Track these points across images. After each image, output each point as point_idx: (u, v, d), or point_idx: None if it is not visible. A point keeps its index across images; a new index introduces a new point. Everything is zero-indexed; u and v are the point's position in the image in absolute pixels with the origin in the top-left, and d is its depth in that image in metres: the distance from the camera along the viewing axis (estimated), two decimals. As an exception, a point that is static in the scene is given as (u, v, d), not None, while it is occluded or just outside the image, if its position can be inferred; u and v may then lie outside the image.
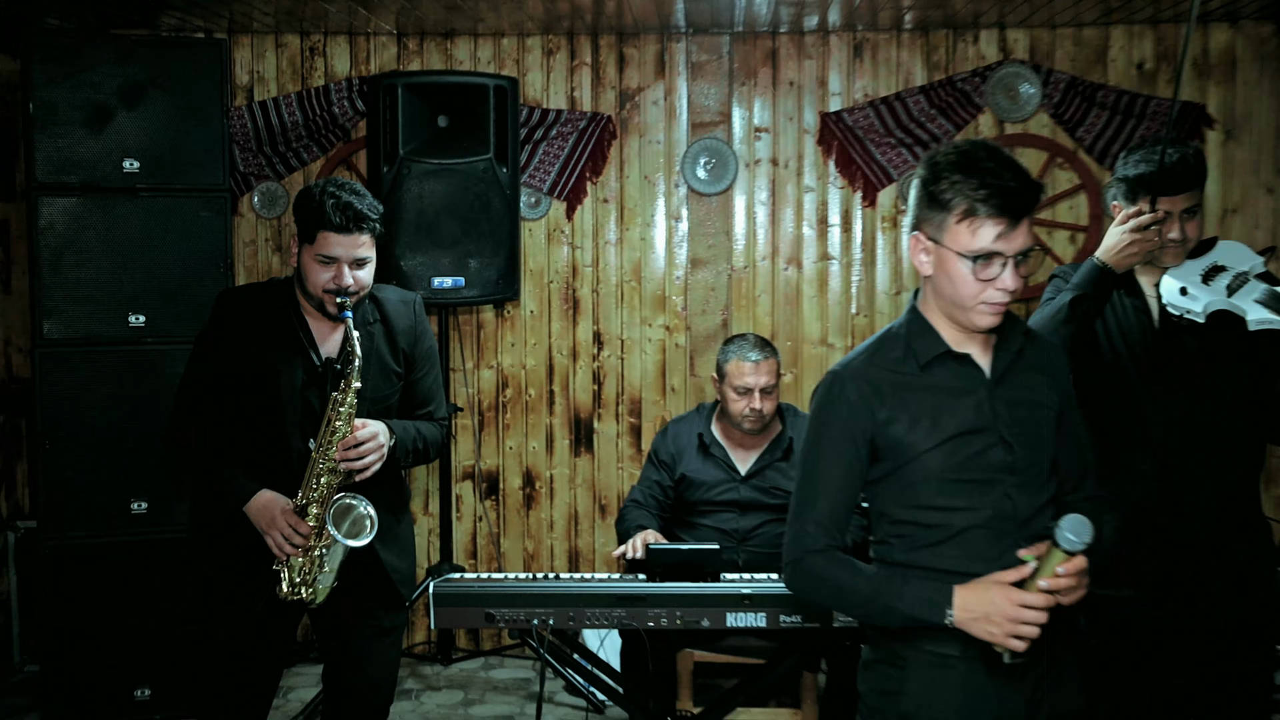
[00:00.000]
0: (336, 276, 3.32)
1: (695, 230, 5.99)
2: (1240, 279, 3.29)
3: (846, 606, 2.54)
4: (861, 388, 2.52)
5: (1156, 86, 5.77)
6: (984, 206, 2.39)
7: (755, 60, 5.94)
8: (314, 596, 3.37)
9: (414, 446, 3.54)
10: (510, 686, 5.57)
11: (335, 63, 5.94)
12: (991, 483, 2.46)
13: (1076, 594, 2.36)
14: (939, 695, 2.48)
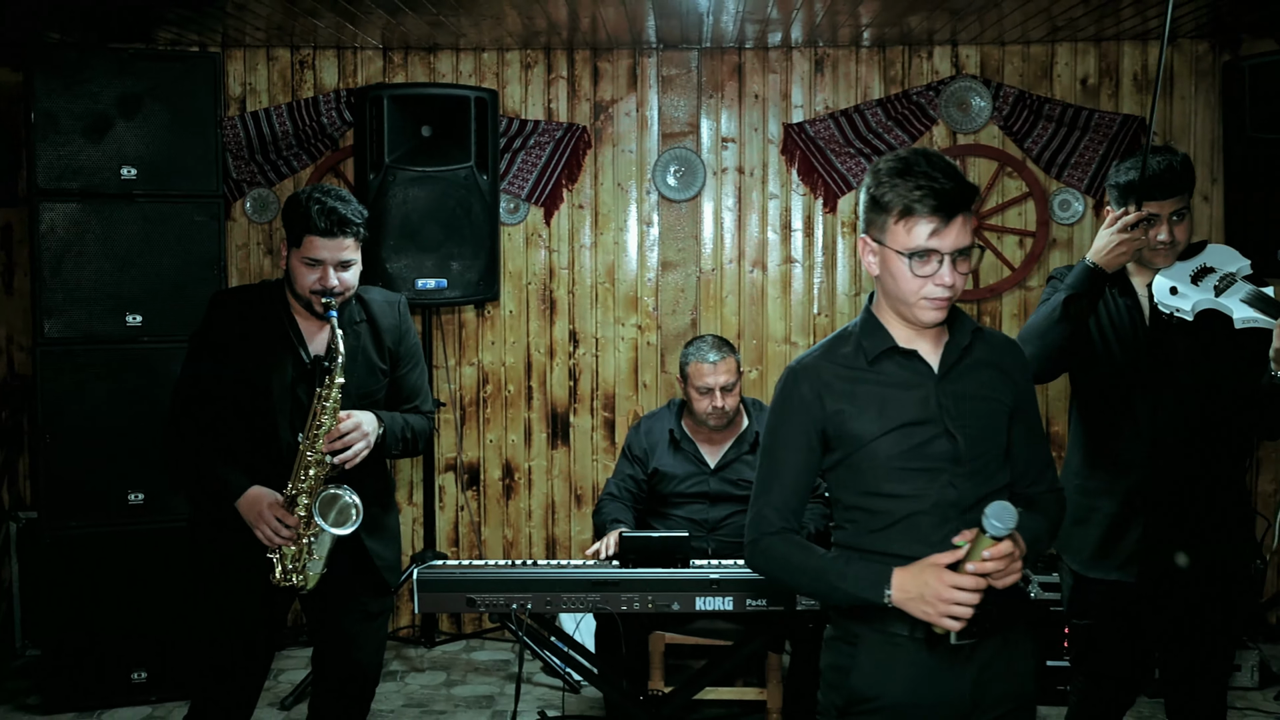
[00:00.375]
0: (322, 278, 3.39)
1: (666, 235, 6.10)
2: (1228, 280, 3.32)
3: (798, 584, 2.59)
4: (814, 382, 2.56)
5: (1099, 100, 5.91)
6: (919, 206, 2.42)
7: (722, 74, 6.06)
8: (304, 583, 3.44)
9: (403, 435, 3.60)
10: (490, 668, 5.66)
11: (324, 75, 6.03)
12: (936, 471, 2.48)
13: (1008, 577, 2.38)
14: (887, 672, 2.52)
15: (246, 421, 3.49)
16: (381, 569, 3.63)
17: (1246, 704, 5.12)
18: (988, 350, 2.61)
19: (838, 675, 2.59)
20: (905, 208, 2.45)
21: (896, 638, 2.51)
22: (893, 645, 2.52)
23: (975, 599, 2.36)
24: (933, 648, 2.48)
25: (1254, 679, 5.27)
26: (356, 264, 3.49)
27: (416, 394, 3.74)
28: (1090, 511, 3.49)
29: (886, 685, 2.52)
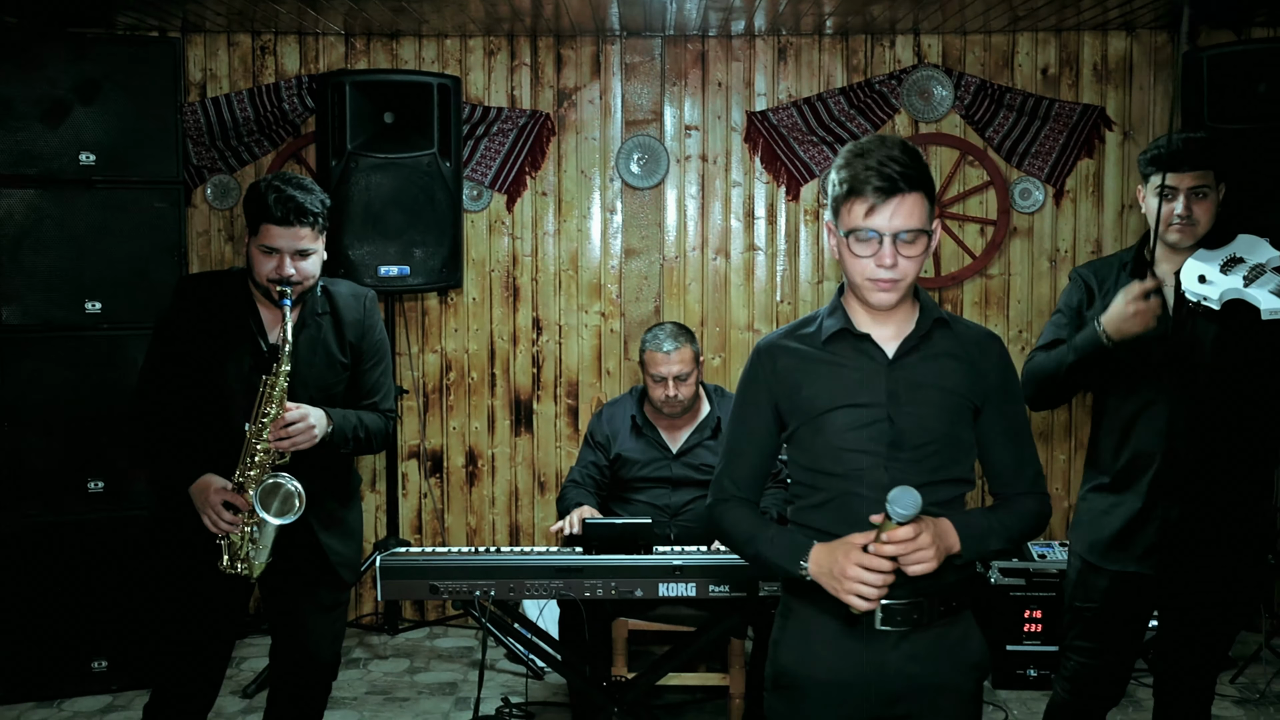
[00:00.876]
0: (278, 266, 3.32)
1: (629, 222, 6.02)
2: (1257, 270, 3.27)
3: (739, 550, 2.58)
4: (773, 359, 2.58)
5: (1059, 90, 5.87)
6: (861, 186, 2.40)
7: (685, 62, 5.98)
8: (249, 570, 3.36)
9: (354, 435, 3.51)
10: (454, 655, 5.60)
11: (285, 61, 5.91)
12: (875, 455, 2.47)
13: (919, 565, 2.34)
14: (810, 650, 2.52)
15: (202, 408, 3.42)
16: (336, 565, 3.55)
17: (1203, 688, 5.09)
18: (954, 342, 2.56)
19: (773, 648, 2.62)
20: (850, 188, 2.44)
21: (823, 616, 2.50)
22: (819, 623, 2.51)
23: (880, 579, 2.34)
24: (850, 626, 2.46)
25: (1210, 663, 5.23)
26: (316, 254, 3.42)
27: (376, 391, 3.64)
28: (1114, 505, 3.44)
29: (809, 663, 2.53)
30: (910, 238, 2.42)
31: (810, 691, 2.51)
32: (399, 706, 4.98)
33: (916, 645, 2.48)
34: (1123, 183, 5.86)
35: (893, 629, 2.46)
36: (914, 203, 2.42)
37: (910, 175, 2.42)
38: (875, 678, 2.48)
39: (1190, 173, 3.31)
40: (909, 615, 2.46)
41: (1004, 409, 2.58)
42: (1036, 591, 5.03)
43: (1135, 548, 3.40)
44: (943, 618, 2.50)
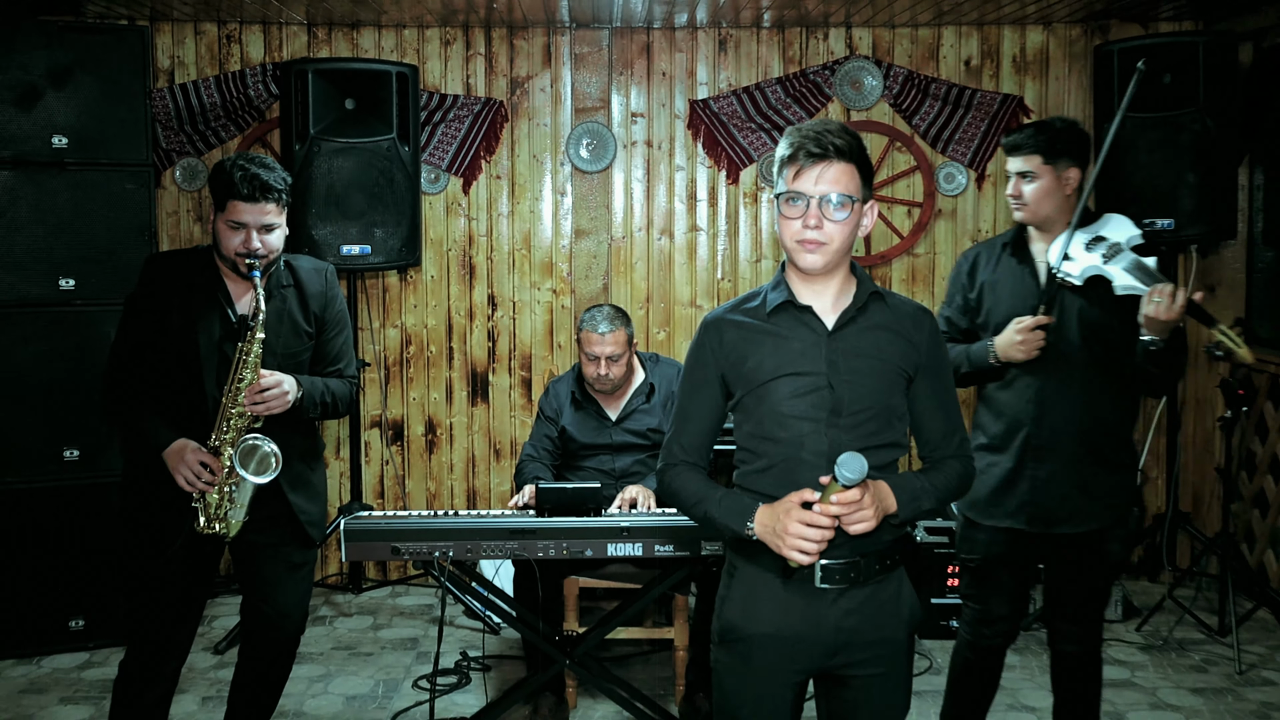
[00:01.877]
0: (245, 240, 3.34)
1: (579, 204, 6.04)
2: (1115, 249, 3.37)
3: (688, 511, 2.59)
4: (720, 332, 2.59)
5: (981, 80, 5.95)
6: (795, 152, 2.46)
7: (632, 52, 6.00)
8: (227, 530, 3.38)
9: (321, 400, 3.54)
10: (415, 612, 5.63)
11: (250, 49, 5.88)
12: (816, 421, 2.48)
13: (860, 524, 2.37)
14: (754, 606, 2.54)
15: (175, 377, 3.43)
16: (305, 523, 3.57)
17: (1111, 635, 5.21)
18: (889, 315, 2.59)
19: (719, 604, 2.63)
20: (787, 155, 2.49)
21: (767, 573, 2.53)
22: (763, 581, 2.54)
23: (820, 536, 2.36)
24: (787, 578, 2.49)
25: (1118, 612, 5.37)
26: (280, 229, 3.44)
27: (340, 358, 3.66)
28: (990, 465, 3.54)
29: (752, 618, 2.54)
30: (837, 203, 2.46)
31: (755, 645, 2.54)
32: (363, 660, 5.00)
33: (854, 601, 2.51)
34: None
35: (832, 586, 2.49)
36: (841, 171, 2.47)
37: (840, 147, 2.46)
38: (815, 632, 2.51)
39: (1016, 158, 3.50)
40: (847, 574, 2.49)
41: (934, 379, 2.61)
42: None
43: (1008, 504, 3.50)
44: (878, 575, 2.53)
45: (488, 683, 4.76)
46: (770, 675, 2.55)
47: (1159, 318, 3.22)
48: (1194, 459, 5.98)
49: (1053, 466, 3.44)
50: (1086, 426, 3.44)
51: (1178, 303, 3.21)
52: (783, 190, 2.49)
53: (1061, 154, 3.48)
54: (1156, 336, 3.26)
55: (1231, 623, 4.99)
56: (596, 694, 4.51)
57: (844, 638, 2.51)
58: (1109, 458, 3.48)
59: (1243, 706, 4.50)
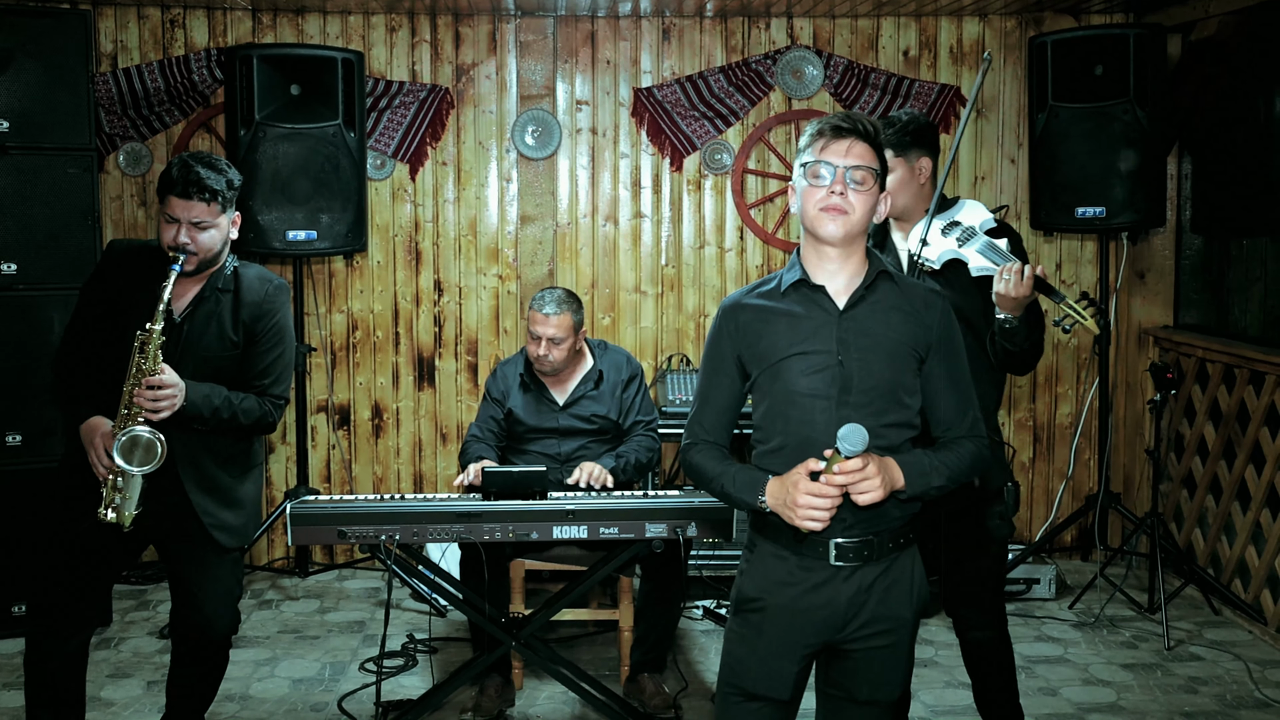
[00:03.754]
0: (176, 234, 3.32)
1: (524, 191, 6.00)
2: (968, 233, 3.43)
3: (708, 486, 2.66)
4: (736, 316, 2.65)
5: (919, 71, 5.96)
6: (824, 127, 2.56)
7: (576, 41, 5.96)
8: (121, 520, 3.29)
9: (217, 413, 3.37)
10: (362, 595, 5.58)
11: (194, 34, 5.77)
12: (827, 399, 2.53)
13: (866, 494, 2.41)
14: (770, 582, 2.59)
15: (112, 365, 3.37)
16: (210, 527, 3.44)
17: (1045, 613, 5.27)
18: (900, 296, 2.63)
19: (738, 576, 2.69)
20: (816, 131, 2.58)
21: (782, 551, 2.58)
22: (778, 558, 2.59)
23: (827, 504, 2.42)
24: (799, 543, 2.54)
25: (1051, 590, 5.42)
26: (215, 229, 3.38)
27: (266, 375, 3.52)
28: None
29: (768, 590, 2.60)
30: (860, 177, 2.53)
31: (768, 615, 2.59)
32: (310, 644, 4.95)
33: (867, 578, 2.55)
34: (975, 156, 5.98)
35: (846, 564, 2.54)
36: (866, 149, 2.56)
37: (868, 129, 2.57)
38: (828, 608, 2.55)
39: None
40: (860, 551, 2.53)
41: (946, 359, 2.64)
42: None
43: None
44: (891, 553, 2.57)
45: (434, 665, 4.72)
46: (779, 647, 2.60)
47: (1009, 294, 3.27)
48: (1124, 441, 6.05)
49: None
50: None
51: (1025, 279, 3.25)
52: (810, 160, 2.56)
53: (911, 145, 3.52)
54: (1010, 314, 3.31)
55: (1161, 600, 5.05)
56: (543, 675, 4.49)
57: (854, 613, 2.56)
58: None
59: (1171, 681, 4.56)
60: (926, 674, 4.58)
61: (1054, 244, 5.97)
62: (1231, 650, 4.83)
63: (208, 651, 3.61)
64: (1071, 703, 4.38)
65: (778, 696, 2.62)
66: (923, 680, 4.49)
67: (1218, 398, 5.39)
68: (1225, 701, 4.37)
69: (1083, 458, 6.10)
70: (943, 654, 4.79)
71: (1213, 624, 5.14)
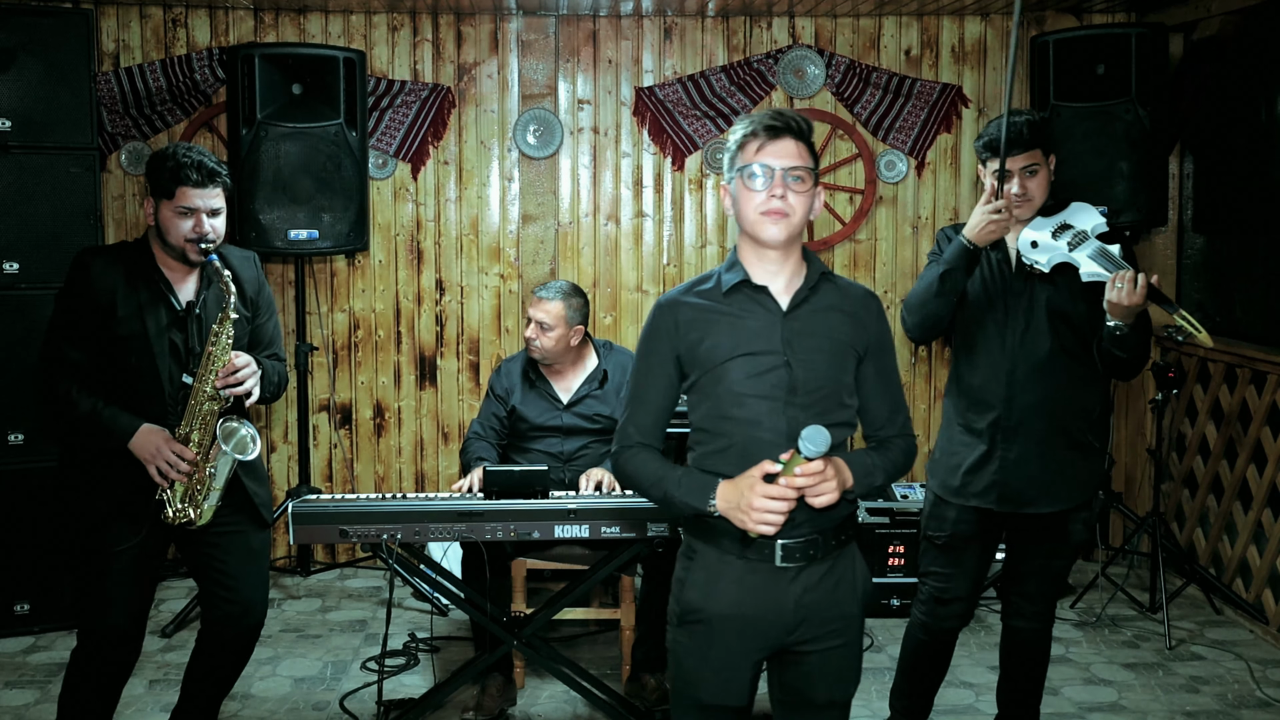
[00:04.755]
0: (196, 225, 3.32)
1: (526, 190, 5.99)
2: (1080, 236, 3.40)
3: (646, 492, 2.58)
4: (674, 314, 2.58)
5: (921, 70, 5.95)
6: (755, 128, 2.51)
7: (578, 40, 5.95)
8: (200, 517, 3.35)
9: (270, 380, 3.56)
10: (363, 594, 5.58)
11: (196, 33, 5.76)
12: (774, 400, 2.49)
13: (821, 496, 2.39)
14: (714, 586, 2.54)
15: (125, 368, 3.37)
16: (259, 506, 3.55)
17: (1046, 612, 5.26)
18: (840, 297, 2.61)
19: (678, 586, 2.62)
20: (746, 133, 2.53)
21: (726, 555, 2.53)
22: (722, 563, 2.54)
23: (784, 508, 2.38)
24: (746, 547, 2.50)
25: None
26: (224, 212, 3.44)
27: (274, 341, 3.68)
28: (962, 447, 3.55)
29: (713, 598, 2.54)
30: (800, 176, 2.50)
31: (715, 625, 2.54)
32: (312, 643, 4.95)
33: (812, 578, 2.53)
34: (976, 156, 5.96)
35: (792, 565, 2.51)
36: (801, 148, 2.53)
37: (800, 126, 2.53)
38: (776, 611, 2.52)
39: (1019, 155, 3.42)
40: (806, 551, 2.51)
41: (881, 360, 2.64)
42: (899, 529, 5.16)
43: (977, 484, 3.51)
44: (835, 550, 2.56)
45: (436, 664, 4.72)
46: (731, 655, 2.55)
47: (1122, 303, 3.25)
48: (1126, 440, 6.04)
49: (1022, 448, 3.46)
50: (1055, 409, 3.46)
51: (1139, 288, 3.24)
52: (745, 165, 2.51)
53: (1050, 142, 3.50)
54: (1121, 321, 3.29)
55: (1162, 599, 5.04)
56: (544, 674, 4.49)
57: (803, 614, 2.53)
58: (1077, 440, 3.50)
59: (1172, 680, 4.55)
60: (928, 673, 4.58)
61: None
62: (1233, 650, 4.83)
63: (241, 640, 3.61)
64: (1073, 702, 4.37)
65: (735, 704, 2.58)
66: (924, 679, 4.49)
67: (1219, 397, 5.38)
68: (1227, 701, 4.37)
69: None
70: (944, 653, 4.79)
71: (1214, 623, 5.13)
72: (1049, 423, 3.46)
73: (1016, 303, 3.46)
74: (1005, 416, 3.47)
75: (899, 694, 3.82)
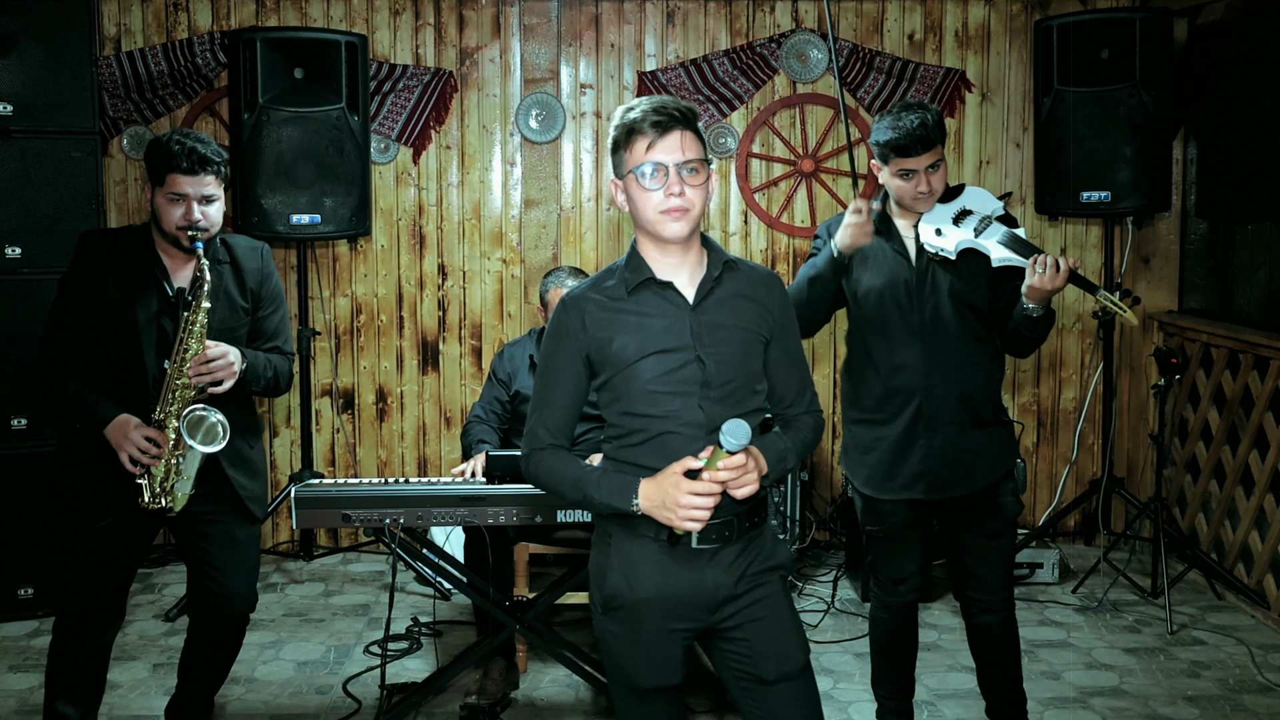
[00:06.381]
0: (186, 213, 3.31)
1: (528, 175, 5.98)
2: (985, 222, 3.43)
3: (562, 494, 2.55)
4: (580, 312, 2.56)
5: (924, 54, 5.94)
6: (640, 125, 2.46)
7: (580, 24, 5.94)
8: (174, 503, 3.34)
9: (264, 373, 3.51)
10: (366, 579, 5.59)
11: (198, 17, 5.75)
12: (688, 395, 2.49)
13: (744, 488, 2.42)
14: (635, 571, 2.53)
15: (112, 352, 3.38)
16: (245, 499, 3.52)
17: (1048, 597, 5.27)
18: (743, 283, 2.60)
19: (598, 574, 2.60)
20: (629, 130, 2.48)
21: (642, 539, 2.52)
22: (640, 546, 2.53)
23: (710, 503, 2.39)
24: (674, 546, 2.50)
25: (1054, 575, 5.42)
26: (219, 201, 3.40)
27: (278, 335, 3.63)
28: (876, 440, 3.55)
29: (635, 583, 2.53)
30: (692, 168, 2.47)
31: (641, 609, 2.53)
32: (315, 627, 4.96)
33: (729, 557, 2.54)
34: (980, 140, 5.96)
35: (708, 546, 2.51)
36: (691, 138, 2.48)
37: (686, 114, 2.48)
38: (696, 591, 2.53)
39: (926, 153, 3.40)
40: (722, 532, 2.51)
41: (786, 340, 2.64)
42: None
43: (903, 477, 3.50)
44: (749, 531, 2.56)
45: (439, 648, 4.73)
46: (659, 636, 2.56)
47: (1044, 287, 3.27)
48: (1128, 425, 6.05)
49: (945, 435, 3.47)
50: (967, 392, 3.48)
51: (1061, 272, 3.27)
52: (637, 165, 2.47)
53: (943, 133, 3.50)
54: (1037, 304, 3.32)
55: (1164, 584, 5.05)
56: (546, 658, 4.49)
57: (724, 593, 2.54)
58: (988, 419, 3.53)
59: (1174, 665, 4.56)
60: (930, 658, 4.59)
61: (1059, 228, 5.95)
62: (1234, 635, 4.84)
63: (227, 630, 3.62)
64: (1074, 686, 4.39)
65: (671, 683, 2.60)
66: (926, 664, 4.50)
67: (1222, 383, 5.38)
68: (1228, 686, 4.38)
69: (1086, 442, 6.09)
70: (945, 638, 4.80)
71: (1216, 609, 5.14)
72: (963, 406, 3.47)
73: (920, 293, 3.47)
74: (926, 404, 3.46)
75: (879, 680, 3.82)
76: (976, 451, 3.50)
